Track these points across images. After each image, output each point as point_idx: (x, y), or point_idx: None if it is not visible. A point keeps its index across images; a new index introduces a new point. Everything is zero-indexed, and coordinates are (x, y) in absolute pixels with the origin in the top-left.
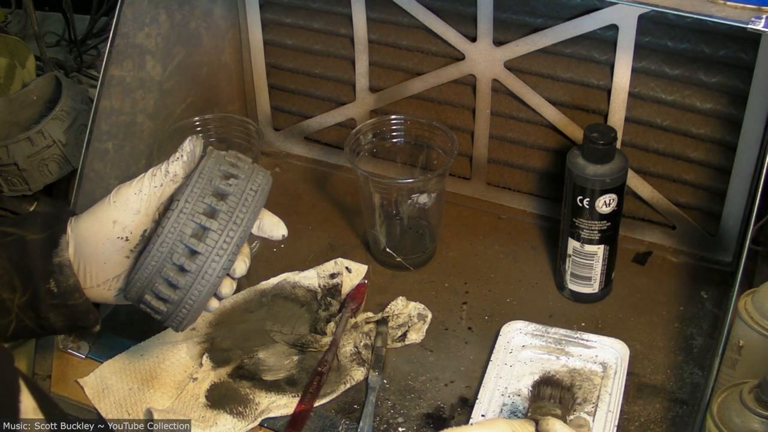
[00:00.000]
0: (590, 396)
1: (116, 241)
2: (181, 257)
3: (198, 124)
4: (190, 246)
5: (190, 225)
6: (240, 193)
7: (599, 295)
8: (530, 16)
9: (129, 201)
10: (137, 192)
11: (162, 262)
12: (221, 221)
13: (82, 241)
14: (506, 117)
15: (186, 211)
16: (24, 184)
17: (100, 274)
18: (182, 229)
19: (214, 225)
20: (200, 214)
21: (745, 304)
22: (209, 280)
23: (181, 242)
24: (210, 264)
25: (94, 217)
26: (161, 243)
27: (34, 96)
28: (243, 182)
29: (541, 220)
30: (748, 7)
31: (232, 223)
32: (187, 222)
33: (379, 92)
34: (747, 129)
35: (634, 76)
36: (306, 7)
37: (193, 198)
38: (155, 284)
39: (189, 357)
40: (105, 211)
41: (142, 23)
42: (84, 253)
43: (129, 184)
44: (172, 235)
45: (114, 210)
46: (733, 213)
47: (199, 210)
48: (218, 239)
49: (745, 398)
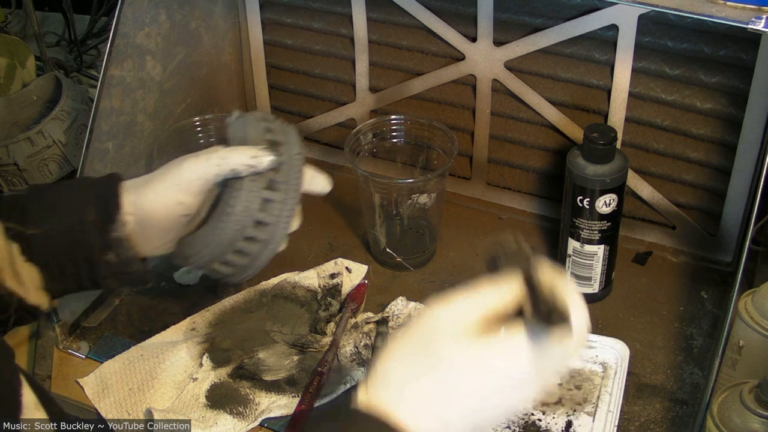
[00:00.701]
0: (590, 396)
1: (179, 218)
2: (251, 230)
3: (198, 124)
4: (258, 219)
5: (256, 201)
6: (289, 159)
7: (599, 296)
8: (530, 16)
9: (192, 184)
10: (198, 177)
11: (234, 237)
12: (282, 191)
13: (145, 217)
14: (506, 117)
15: (254, 189)
16: (24, 184)
17: (158, 242)
18: (250, 206)
19: (277, 196)
20: (263, 189)
21: (745, 304)
22: (276, 243)
23: (250, 217)
24: (278, 229)
25: (157, 196)
26: (234, 221)
27: (34, 96)
28: (287, 146)
29: (541, 220)
30: (748, 7)
31: (290, 191)
32: (254, 198)
33: (379, 92)
34: (747, 129)
35: (634, 76)
36: (306, 7)
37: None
38: (225, 255)
39: (189, 357)
40: (169, 192)
41: (142, 23)
42: (145, 226)
43: (190, 165)
44: (244, 213)
45: (178, 192)
46: (733, 213)
47: (261, 185)
48: (283, 207)
49: (745, 398)
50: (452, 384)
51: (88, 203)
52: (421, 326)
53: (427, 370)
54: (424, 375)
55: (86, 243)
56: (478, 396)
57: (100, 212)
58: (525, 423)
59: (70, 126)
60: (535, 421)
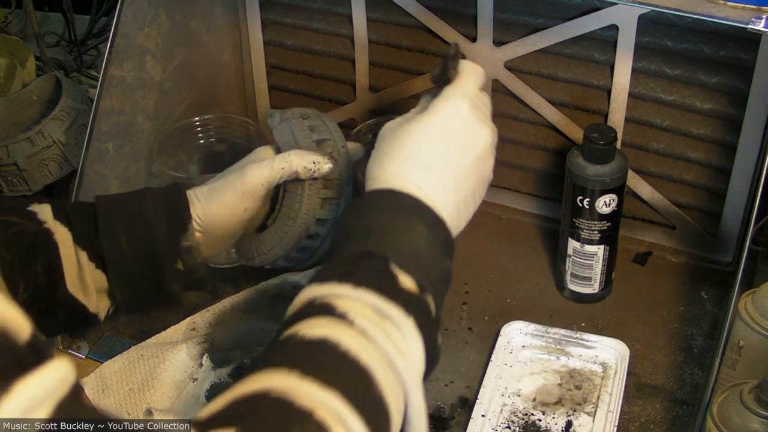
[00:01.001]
0: (590, 396)
1: (243, 222)
2: (313, 227)
3: (198, 125)
4: (319, 217)
5: (317, 202)
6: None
7: (599, 296)
8: (530, 16)
9: (258, 190)
10: (263, 184)
11: (299, 237)
12: (335, 188)
13: (211, 226)
14: (506, 117)
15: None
16: (24, 184)
17: (221, 246)
18: (312, 206)
19: (333, 193)
20: (320, 189)
21: (745, 304)
22: None
23: (313, 217)
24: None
25: (224, 207)
26: (300, 224)
27: (34, 96)
28: (333, 142)
29: (541, 220)
30: (748, 7)
31: (344, 185)
32: (315, 200)
33: (379, 92)
34: (747, 129)
35: (634, 76)
36: (306, 7)
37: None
38: (291, 254)
39: (189, 357)
40: (236, 201)
41: (142, 23)
42: (211, 234)
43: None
44: (308, 215)
45: (243, 200)
46: (733, 213)
47: (320, 185)
48: (338, 203)
49: (745, 398)
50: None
51: (160, 214)
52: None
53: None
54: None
55: (157, 252)
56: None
57: (172, 223)
58: (525, 423)
59: (70, 126)
60: (535, 421)
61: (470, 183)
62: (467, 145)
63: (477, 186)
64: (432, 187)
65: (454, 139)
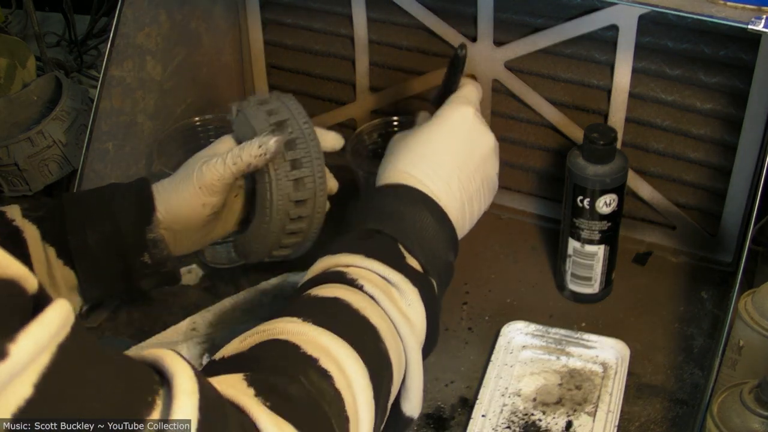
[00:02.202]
0: (590, 396)
1: (205, 218)
2: (294, 210)
3: (198, 124)
4: (296, 199)
5: (288, 185)
6: (301, 133)
7: (599, 296)
8: (530, 17)
9: (214, 186)
10: (218, 180)
11: (282, 223)
12: (306, 166)
13: (174, 219)
14: (506, 117)
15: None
16: (24, 185)
17: (188, 241)
18: (284, 190)
19: (304, 171)
20: (289, 171)
21: (745, 304)
22: (321, 213)
23: (289, 200)
24: (316, 202)
25: (184, 200)
26: (276, 210)
27: (34, 96)
28: (293, 120)
29: (541, 220)
30: (748, 7)
31: (314, 160)
32: (285, 183)
33: (379, 92)
34: (747, 129)
35: (634, 76)
36: (306, 7)
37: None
38: (281, 241)
39: (189, 357)
40: (194, 196)
41: (142, 23)
42: (175, 227)
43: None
44: (282, 200)
45: (202, 194)
46: (733, 213)
47: (287, 167)
48: (313, 180)
49: (745, 398)
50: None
51: (125, 207)
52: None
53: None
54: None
55: (123, 246)
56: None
57: (137, 214)
58: (525, 423)
59: (70, 126)
60: (535, 421)
61: (474, 184)
62: (472, 148)
63: (481, 187)
64: (439, 186)
65: (459, 142)
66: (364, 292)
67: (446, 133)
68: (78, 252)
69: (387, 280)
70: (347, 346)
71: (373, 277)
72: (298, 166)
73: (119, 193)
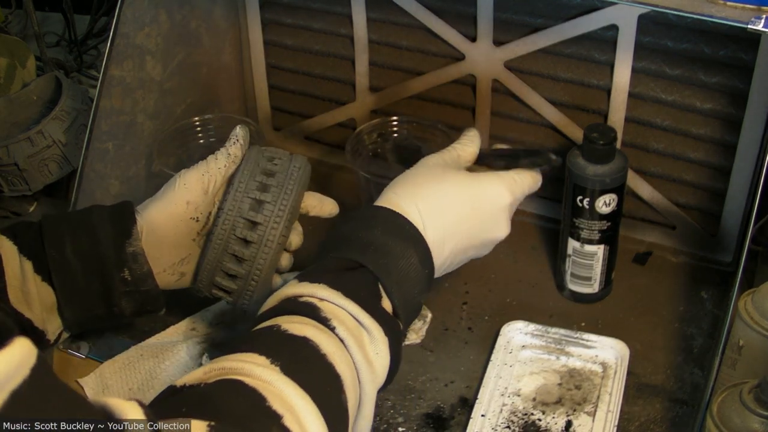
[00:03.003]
0: (590, 396)
1: (188, 222)
2: (243, 230)
3: (198, 125)
4: (249, 218)
5: (246, 201)
6: (285, 170)
7: (599, 296)
8: (530, 16)
9: (198, 182)
10: (204, 173)
11: (227, 239)
12: (273, 193)
13: (154, 227)
14: (506, 117)
15: (241, 189)
16: (24, 184)
17: (169, 258)
18: (240, 205)
19: (268, 197)
20: (254, 190)
21: (745, 304)
22: (271, 246)
23: (241, 217)
24: (270, 231)
25: (165, 202)
26: (224, 221)
27: (34, 96)
28: (286, 162)
29: (541, 220)
30: (748, 7)
31: (283, 194)
32: (244, 199)
33: (379, 92)
34: (747, 129)
35: (634, 76)
36: (306, 7)
37: (245, 178)
38: (224, 262)
39: (189, 357)
40: (176, 194)
41: (142, 23)
42: (155, 238)
43: (193, 168)
44: (232, 212)
45: (186, 191)
46: (733, 213)
47: (252, 187)
48: (274, 209)
49: (745, 398)
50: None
51: (104, 222)
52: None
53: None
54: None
55: (102, 258)
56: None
57: (116, 228)
58: (525, 423)
59: (70, 126)
60: (535, 421)
61: (462, 256)
62: (484, 228)
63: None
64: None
65: (476, 214)
66: (335, 335)
67: (472, 198)
68: (56, 266)
69: (360, 323)
70: (311, 404)
71: (347, 319)
72: (264, 189)
73: (99, 209)
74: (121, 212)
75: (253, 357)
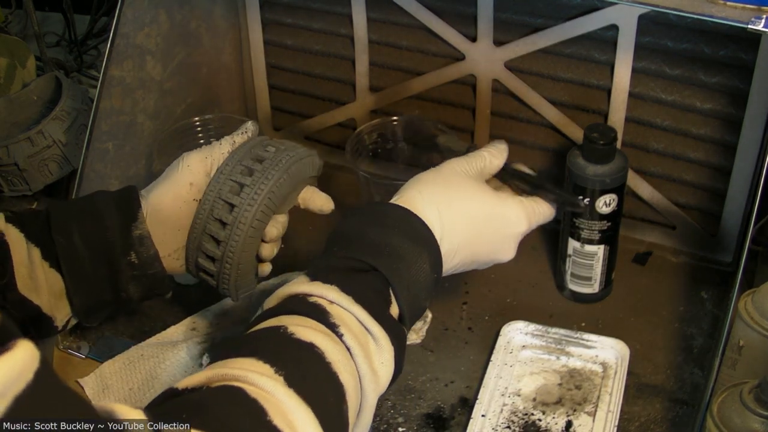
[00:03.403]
0: (590, 396)
1: (191, 204)
2: (220, 211)
3: (198, 124)
4: (227, 200)
5: (228, 183)
6: (275, 157)
7: (599, 296)
8: (530, 16)
9: (201, 164)
10: (207, 156)
11: (206, 219)
12: (255, 178)
13: (158, 209)
14: (506, 117)
15: (225, 172)
16: (24, 184)
17: (173, 241)
18: (221, 187)
19: (248, 180)
20: (238, 174)
21: (745, 304)
22: (242, 229)
23: (219, 198)
24: (243, 213)
25: (169, 183)
26: (204, 201)
27: (34, 96)
28: (281, 151)
29: None
30: (748, 7)
31: (264, 179)
32: (226, 181)
33: (379, 92)
34: (747, 129)
35: (634, 76)
36: (306, 7)
37: (233, 161)
38: (203, 242)
39: (189, 357)
40: (180, 175)
41: (142, 23)
42: (159, 220)
43: (196, 151)
44: (212, 193)
45: (189, 173)
46: (733, 213)
47: (238, 171)
48: (251, 192)
49: (745, 398)
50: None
51: (110, 206)
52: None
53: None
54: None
55: (109, 243)
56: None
57: (122, 212)
58: (525, 423)
59: (70, 126)
60: (535, 421)
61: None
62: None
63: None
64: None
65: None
66: (342, 342)
67: (492, 217)
68: (64, 252)
69: (368, 330)
70: (312, 418)
71: (354, 325)
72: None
73: (104, 193)
74: (127, 197)
75: (257, 365)
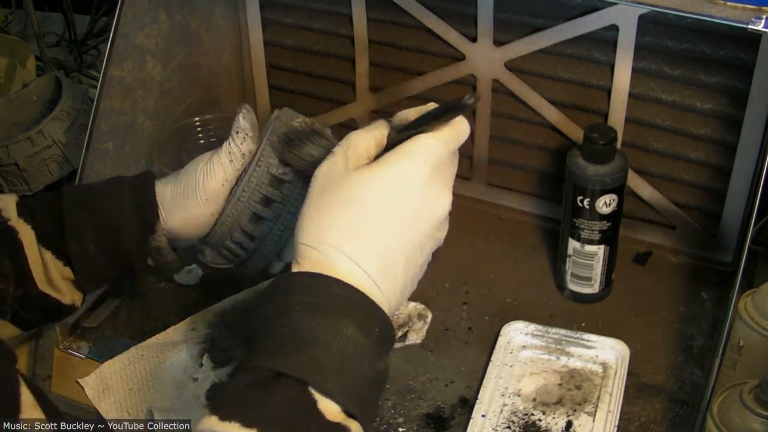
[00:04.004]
0: (590, 396)
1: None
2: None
3: (198, 125)
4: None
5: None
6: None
7: (599, 296)
8: (530, 16)
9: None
10: (224, 183)
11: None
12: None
13: (177, 233)
14: (506, 117)
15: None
16: (24, 184)
17: (187, 237)
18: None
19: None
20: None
21: (745, 304)
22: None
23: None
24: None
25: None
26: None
27: (34, 96)
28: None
29: (541, 220)
30: (748, 7)
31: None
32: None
33: (379, 92)
34: (747, 129)
35: (634, 76)
36: (306, 7)
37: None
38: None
39: (189, 357)
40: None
41: (142, 23)
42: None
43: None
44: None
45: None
46: (733, 213)
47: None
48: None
49: (745, 398)
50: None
51: (127, 216)
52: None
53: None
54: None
55: (126, 254)
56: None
57: (140, 226)
58: (525, 423)
59: (70, 126)
60: (535, 421)
61: (422, 258)
62: (421, 214)
63: (426, 260)
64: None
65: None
66: None
67: (391, 192)
68: (78, 260)
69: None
70: None
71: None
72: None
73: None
74: (144, 206)
75: None
